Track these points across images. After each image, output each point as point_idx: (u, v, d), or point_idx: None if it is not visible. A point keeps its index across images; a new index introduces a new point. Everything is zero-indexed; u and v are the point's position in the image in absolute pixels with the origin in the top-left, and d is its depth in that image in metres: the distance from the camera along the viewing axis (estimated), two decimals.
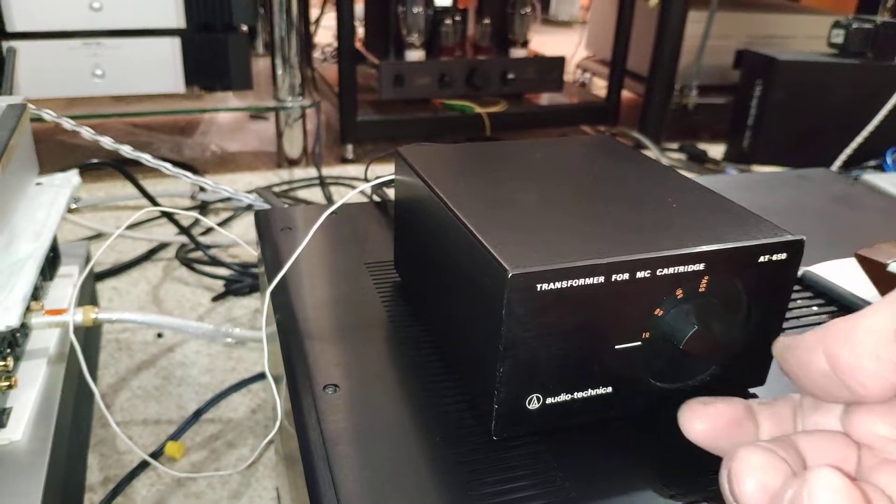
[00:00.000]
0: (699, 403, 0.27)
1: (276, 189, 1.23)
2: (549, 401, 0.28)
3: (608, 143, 0.41)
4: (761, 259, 0.29)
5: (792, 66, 1.37)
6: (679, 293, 0.28)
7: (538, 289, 0.26)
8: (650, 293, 0.27)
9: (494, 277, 0.26)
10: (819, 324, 0.38)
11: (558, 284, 0.26)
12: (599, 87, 1.87)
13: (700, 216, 0.31)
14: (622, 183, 0.35)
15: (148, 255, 0.98)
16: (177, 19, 1.22)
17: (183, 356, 0.76)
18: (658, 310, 0.28)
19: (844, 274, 0.42)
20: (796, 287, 0.43)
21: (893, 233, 0.50)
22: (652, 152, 1.45)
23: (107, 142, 0.66)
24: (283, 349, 0.34)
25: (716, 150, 1.51)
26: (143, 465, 0.60)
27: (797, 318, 0.39)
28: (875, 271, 0.39)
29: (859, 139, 1.30)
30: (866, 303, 0.40)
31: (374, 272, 0.41)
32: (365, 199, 0.53)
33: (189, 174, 0.66)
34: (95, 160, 0.94)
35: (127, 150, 0.67)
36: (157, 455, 0.61)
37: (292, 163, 1.36)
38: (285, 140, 1.35)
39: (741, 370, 0.31)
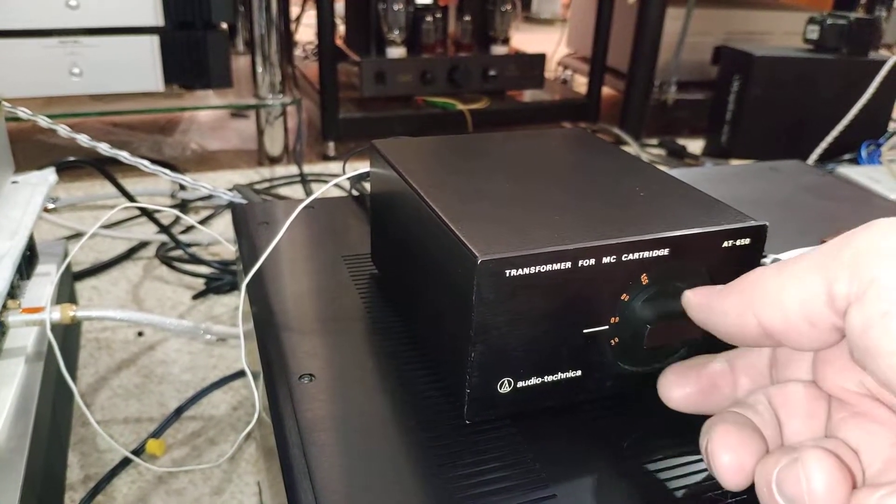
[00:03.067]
0: (674, 373, 0.28)
1: (258, 187, 1.23)
2: (520, 384, 0.28)
3: (582, 136, 0.42)
4: (725, 244, 0.29)
5: (769, 62, 1.38)
6: (645, 278, 0.28)
7: (507, 274, 0.26)
8: (616, 278, 0.28)
9: (464, 264, 0.26)
10: None
11: (527, 270, 0.26)
12: (581, 84, 1.88)
13: (666, 204, 0.31)
14: (593, 174, 0.36)
15: (128, 255, 0.98)
16: (155, 17, 1.21)
17: (164, 354, 0.76)
18: (625, 295, 0.28)
19: None
20: None
21: (861, 221, 0.51)
22: (632, 148, 1.46)
23: (83, 139, 0.66)
24: (259, 341, 0.34)
25: (695, 146, 1.53)
26: (125, 463, 0.60)
27: None
28: None
29: (834, 133, 1.32)
30: None
31: (352, 265, 0.41)
32: (345, 194, 0.53)
33: (167, 171, 0.66)
34: (72, 158, 0.94)
35: (104, 148, 0.66)
36: (138, 452, 0.61)
37: (273, 161, 1.36)
38: (266, 138, 1.35)
39: (709, 352, 0.32)
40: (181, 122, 1.61)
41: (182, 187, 1.13)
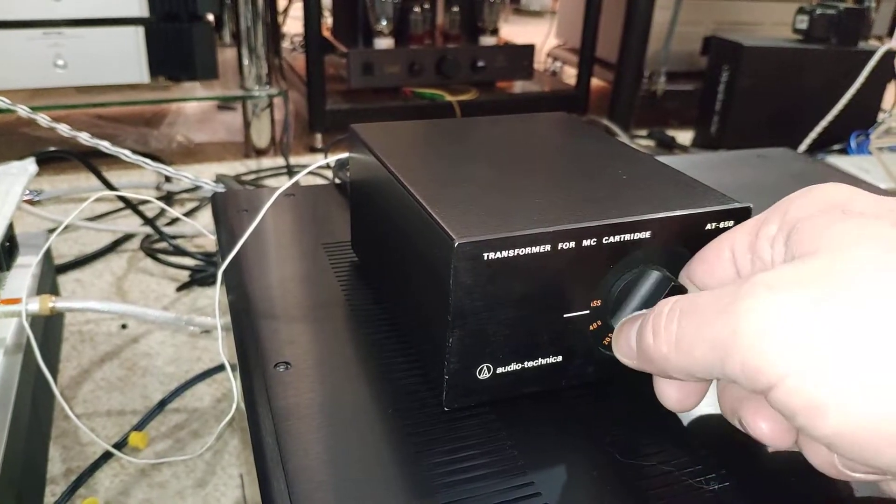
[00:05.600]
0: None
1: (244, 178, 1.22)
2: (499, 370, 0.28)
3: (566, 120, 0.41)
4: (708, 227, 0.29)
5: (758, 52, 1.38)
6: (627, 262, 0.28)
7: (485, 258, 0.26)
8: (597, 262, 0.27)
9: (442, 247, 0.26)
10: None
11: (505, 253, 0.26)
12: (571, 75, 1.88)
13: (648, 186, 0.31)
14: (576, 157, 0.36)
15: (112, 247, 0.97)
16: (140, 8, 1.20)
17: (147, 347, 0.75)
18: (606, 278, 0.28)
19: None
20: None
21: None
22: (621, 139, 1.46)
23: (64, 129, 0.65)
24: (235, 329, 0.34)
25: (684, 137, 1.53)
26: (107, 456, 0.59)
27: None
28: None
29: (824, 123, 1.32)
30: None
31: (332, 252, 0.41)
32: (328, 182, 0.52)
33: (148, 160, 0.65)
34: (53, 148, 0.93)
35: (84, 138, 0.65)
36: (120, 445, 0.60)
37: (260, 152, 1.35)
38: (253, 130, 1.34)
39: None
40: (168, 114, 1.59)
41: (168, 179, 1.12)
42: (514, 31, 2.55)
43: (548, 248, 0.26)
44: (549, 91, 1.66)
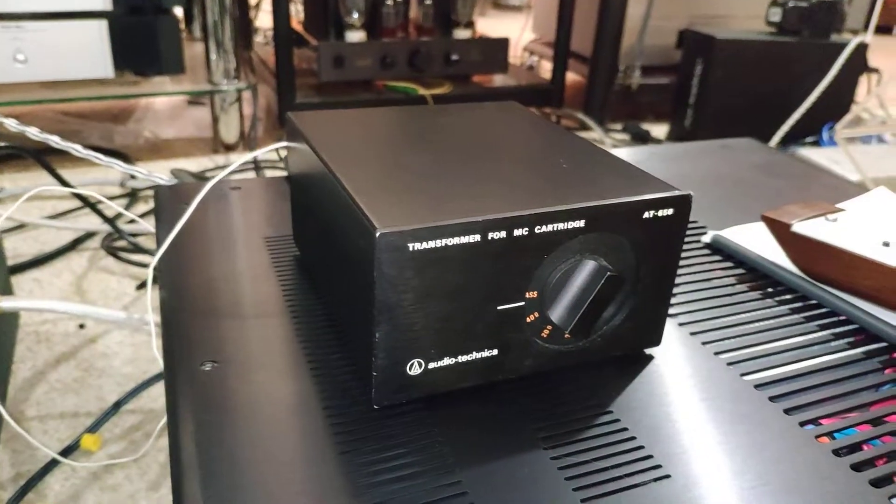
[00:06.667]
0: None
1: (209, 174, 1.20)
2: (431, 366, 0.27)
3: (513, 109, 0.40)
4: (646, 215, 0.28)
5: (731, 45, 1.38)
6: (562, 252, 0.27)
7: (410, 248, 0.24)
8: (531, 252, 0.26)
9: (365, 237, 0.25)
10: (727, 286, 0.38)
11: (432, 244, 0.25)
12: (547, 70, 1.87)
13: (587, 175, 0.30)
14: (517, 145, 0.35)
15: (73, 245, 0.95)
16: (103, 1, 1.17)
17: (105, 347, 0.73)
18: (541, 269, 0.27)
19: (753, 237, 0.42)
20: (705, 251, 0.42)
21: (807, 198, 0.51)
22: (595, 133, 1.45)
23: (11, 123, 0.63)
24: (164, 326, 0.32)
25: (659, 130, 1.53)
26: (57, 461, 0.57)
27: (706, 280, 0.39)
28: (780, 232, 0.39)
29: (796, 115, 1.33)
30: (771, 265, 0.40)
31: (274, 246, 0.39)
32: (283, 175, 0.51)
33: (101, 156, 0.63)
34: (3, 144, 0.90)
35: (33, 133, 0.64)
36: (72, 449, 0.59)
37: (228, 148, 1.33)
38: (221, 124, 1.32)
39: (636, 331, 0.30)
40: (136, 110, 1.56)
41: (132, 177, 1.10)
42: (492, 24, 2.54)
43: (477, 237, 0.25)
44: (523, 85, 1.65)
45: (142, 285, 0.85)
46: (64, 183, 0.83)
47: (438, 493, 0.23)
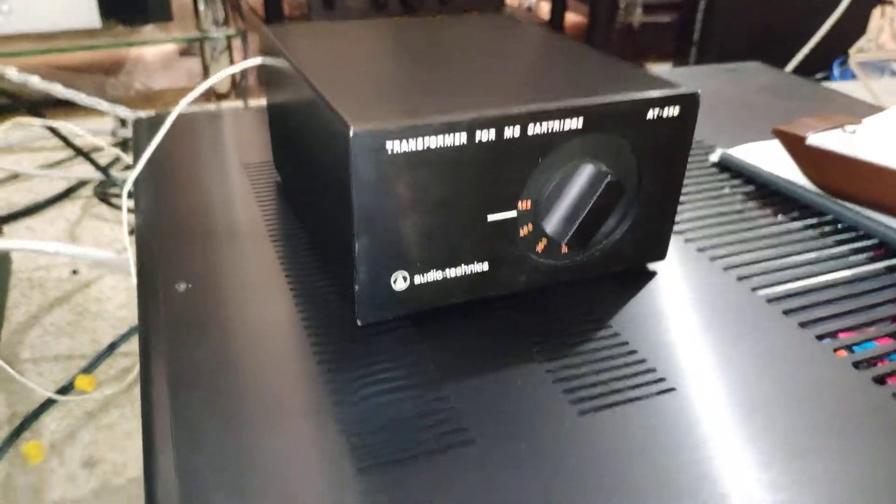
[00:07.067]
0: None
1: None
2: (417, 280, 0.25)
3: (505, 21, 0.38)
4: (650, 115, 0.26)
5: None
6: (558, 156, 0.25)
7: (389, 149, 0.22)
8: (522, 155, 0.24)
9: (339, 139, 0.22)
10: (737, 203, 0.36)
11: (413, 145, 0.23)
12: (547, 11, 1.81)
13: (584, 73, 0.28)
14: (507, 53, 0.32)
15: (66, 194, 0.93)
16: None
17: (99, 292, 0.72)
18: (535, 176, 0.25)
19: (764, 155, 0.40)
20: (713, 170, 0.40)
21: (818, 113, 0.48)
22: None
23: (12, 74, 0.60)
24: (138, 250, 0.30)
25: (662, 70, 1.48)
26: (52, 400, 0.57)
27: (714, 198, 0.37)
28: (794, 146, 0.37)
29: (805, 50, 1.28)
30: (784, 181, 0.37)
31: (254, 172, 0.37)
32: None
33: (82, 95, 0.61)
34: None
35: (12, 75, 0.61)
36: (67, 389, 0.58)
37: (220, 97, 1.30)
38: (213, 72, 1.28)
39: (638, 244, 0.28)
40: (127, 62, 1.52)
41: (123, 124, 1.07)
42: None
43: (463, 138, 0.23)
44: None
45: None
46: (57, 134, 0.81)
47: (425, 407, 0.22)
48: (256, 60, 0.34)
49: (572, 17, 1.62)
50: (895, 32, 1.36)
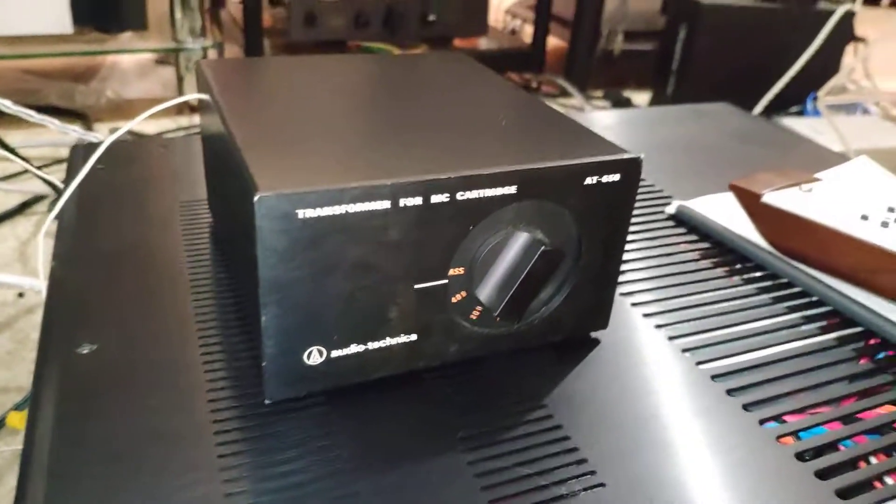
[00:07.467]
0: None
1: (170, 136, 1.14)
2: (334, 354, 0.23)
3: (460, 61, 0.36)
4: (588, 181, 0.24)
5: (716, 10, 1.34)
6: (491, 222, 0.23)
7: (300, 216, 0.21)
8: (452, 222, 0.23)
9: (247, 201, 0.21)
10: (690, 262, 0.35)
11: (328, 211, 0.21)
12: (531, 34, 1.81)
13: (526, 134, 0.26)
14: (453, 100, 0.30)
15: (20, 209, 0.90)
16: None
17: None
18: (467, 242, 0.23)
19: (720, 209, 0.38)
20: (669, 223, 0.39)
21: (780, 166, 0.47)
22: (576, 99, 1.41)
23: None
24: (47, 300, 0.28)
25: (641, 98, 1.48)
26: None
27: (667, 255, 0.35)
28: (750, 203, 0.36)
29: (780, 84, 1.29)
30: (739, 239, 0.36)
31: (188, 212, 0.35)
32: None
33: (31, 112, 0.58)
34: None
35: None
36: None
37: (194, 109, 1.27)
38: (187, 84, 1.26)
39: (578, 313, 0.27)
40: (101, 69, 1.49)
41: (90, 131, 1.04)
42: None
43: (387, 204, 0.21)
44: (503, 49, 1.60)
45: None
46: (4, 146, 0.78)
47: None
48: (197, 95, 0.32)
49: (554, 42, 1.62)
50: (868, 70, 1.37)
